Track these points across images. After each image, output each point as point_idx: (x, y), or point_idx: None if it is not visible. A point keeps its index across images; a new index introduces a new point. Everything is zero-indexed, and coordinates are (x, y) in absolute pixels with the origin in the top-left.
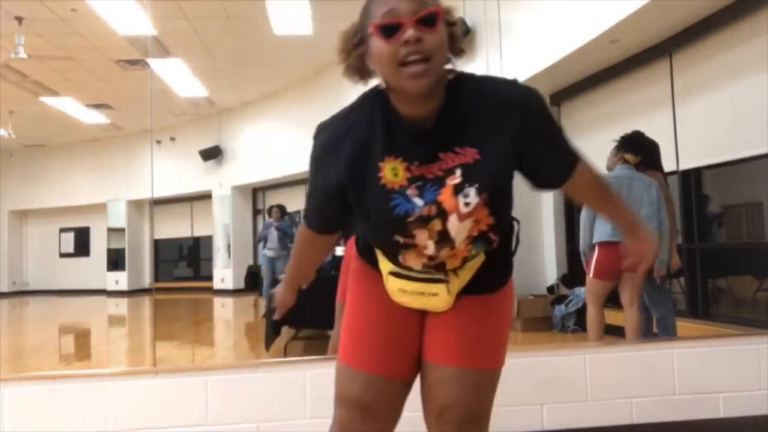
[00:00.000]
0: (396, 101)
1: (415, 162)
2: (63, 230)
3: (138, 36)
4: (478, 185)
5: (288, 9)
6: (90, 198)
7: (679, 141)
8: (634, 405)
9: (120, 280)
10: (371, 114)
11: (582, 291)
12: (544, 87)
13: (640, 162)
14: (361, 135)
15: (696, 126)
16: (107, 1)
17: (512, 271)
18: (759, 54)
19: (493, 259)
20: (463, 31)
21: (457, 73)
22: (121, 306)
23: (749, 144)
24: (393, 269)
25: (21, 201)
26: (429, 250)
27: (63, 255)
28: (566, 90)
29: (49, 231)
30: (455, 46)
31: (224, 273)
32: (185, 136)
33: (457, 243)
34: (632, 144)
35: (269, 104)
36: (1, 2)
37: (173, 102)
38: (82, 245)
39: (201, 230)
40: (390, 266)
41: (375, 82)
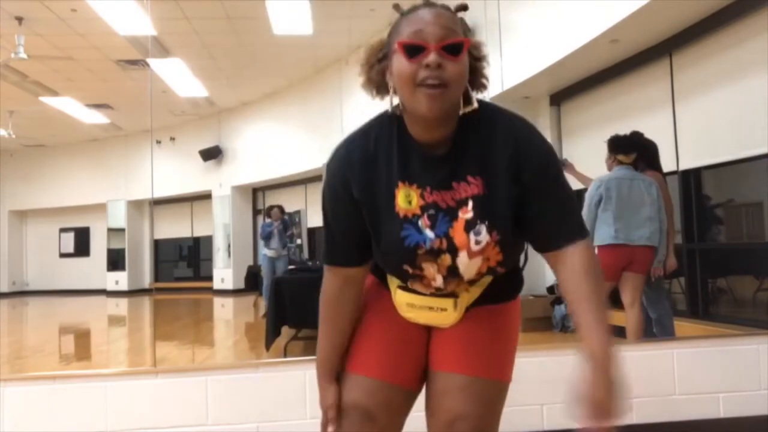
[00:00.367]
0: (409, 125)
1: (428, 187)
2: (63, 230)
3: (138, 36)
4: (488, 223)
5: (288, 9)
6: (90, 198)
7: (679, 141)
8: (634, 405)
9: (120, 280)
10: (389, 136)
11: None
12: (544, 87)
13: (638, 161)
14: (377, 156)
15: (696, 126)
16: (107, 1)
17: (523, 285)
18: (759, 54)
19: (504, 276)
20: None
21: (480, 103)
22: (121, 306)
23: (749, 144)
24: (402, 283)
25: (21, 201)
26: (437, 283)
27: (63, 255)
28: (566, 90)
29: (49, 231)
30: (477, 80)
31: (224, 273)
32: (185, 136)
33: (466, 278)
34: (620, 144)
35: (269, 104)
36: (1, 2)
37: (173, 102)
38: (82, 245)
39: (201, 230)
40: (399, 281)
41: (387, 101)
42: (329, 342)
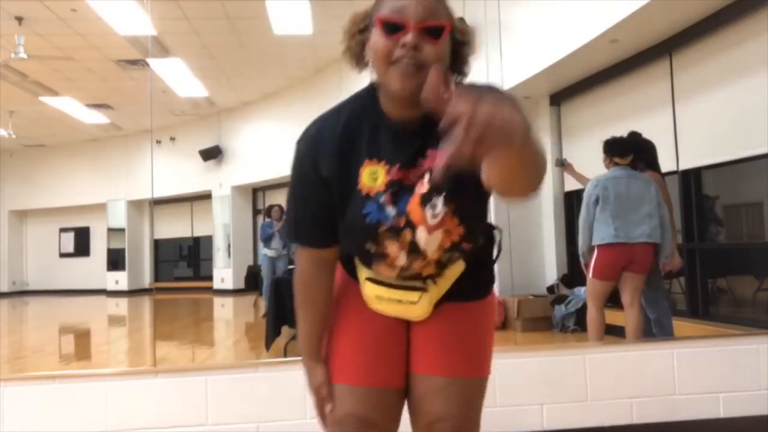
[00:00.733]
0: (383, 101)
1: (396, 165)
2: (63, 230)
3: (138, 36)
4: (446, 194)
5: (288, 9)
6: (90, 198)
7: (679, 141)
8: (634, 405)
9: (120, 280)
10: (361, 112)
11: (582, 291)
12: (544, 87)
13: (636, 160)
14: (349, 132)
15: (696, 126)
16: (107, 1)
17: (494, 280)
18: (759, 54)
19: (473, 268)
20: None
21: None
22: (121, 306)
23: (749, 144)
24: (370, 275)
25: (21, 201)
26: (400, 261)
27: (63, 255)
28: (566, 90)
29: (49, 231)
30: (459, 66)
31: (224, 273)
32: (185, 136)
33: (429, 254)
34: (615, 147)
35: (269, 104)
36: (1, 2)
37: (173, 102)
38: (82, 245)
39: (201, 230)
40: (367, 272)
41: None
42: (310, 324)
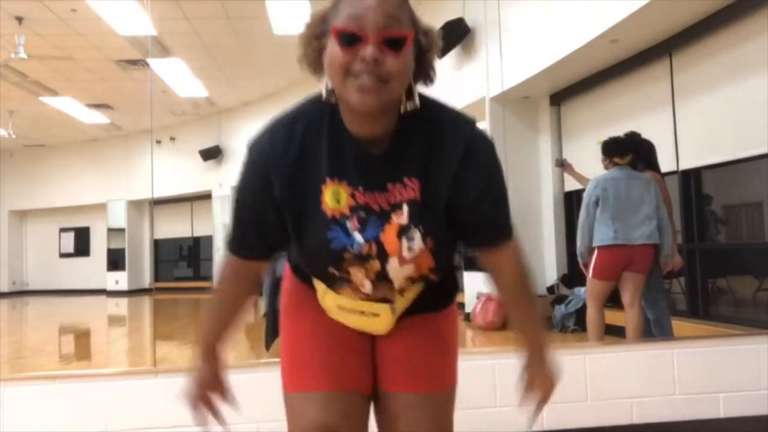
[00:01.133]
0: (344, 115)
1: (360, 187)
2: (63, 230)
3: (138, 36)
4: (422, 228)
5: (288, 9)
6: (90, 198)
7: (679, 141)
8: (634, 405)
9: (120, 280)
10: (319, 123)
11: (582, 291)
12: (544, 87)
13: (635, 160)
14: (305, 148)
15: (696, 126)
16: (107, 1)
17: (458, 288)
18: (759, 54)
19: (439, 281)
20: (463, 31)
21: (423, 99)
22: (121, 306)
23: (749, 144)
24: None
25: (21, 201)
26: (365, 289)
27: (63, 255)
28: (566, 90)
29: (49, 231)
30: (425, 73)
31: None
32: (185, 136)
33: (396, 285)
34: (614, 147)
35: (269, 104)
36: (1, 2)
37: (173, 102)
38: (82, 245)
39: (201, 230)
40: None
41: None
42: (216, 324)
